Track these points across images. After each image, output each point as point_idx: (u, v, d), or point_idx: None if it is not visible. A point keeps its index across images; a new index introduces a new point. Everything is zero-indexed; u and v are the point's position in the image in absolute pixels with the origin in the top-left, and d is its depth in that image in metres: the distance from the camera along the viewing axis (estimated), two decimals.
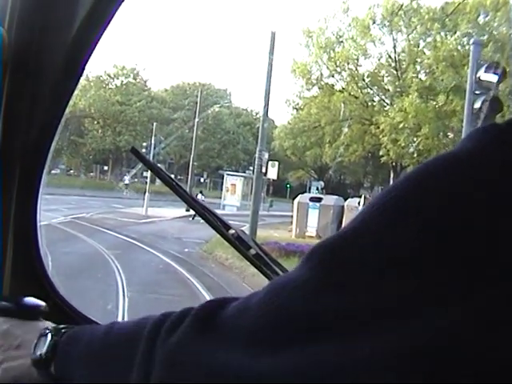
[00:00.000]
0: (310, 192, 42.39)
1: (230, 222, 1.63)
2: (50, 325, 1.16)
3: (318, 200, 23.59)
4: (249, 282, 12.43)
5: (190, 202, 1.55)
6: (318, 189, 40.59)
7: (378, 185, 55.52)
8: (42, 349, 1.07)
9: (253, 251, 1.56)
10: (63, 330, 1.08)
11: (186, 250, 17.45)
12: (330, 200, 23.86)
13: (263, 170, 19.35)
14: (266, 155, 19.65)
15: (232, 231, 1.55)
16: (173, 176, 1.74)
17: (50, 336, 1.08)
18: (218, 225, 1.55)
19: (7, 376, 1.13)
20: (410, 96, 33.70)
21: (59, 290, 1.68)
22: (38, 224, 1.63)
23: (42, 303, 1.30)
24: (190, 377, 0.74)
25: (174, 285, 12.19)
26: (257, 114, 60.33)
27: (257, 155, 19.18)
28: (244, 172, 44.86)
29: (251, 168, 46.98)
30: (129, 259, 14.59)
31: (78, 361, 1.00)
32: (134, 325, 0.91)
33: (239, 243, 1.55)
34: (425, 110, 33.25)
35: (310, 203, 23.28)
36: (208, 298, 10.54)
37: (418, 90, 33.84)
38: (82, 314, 1.69)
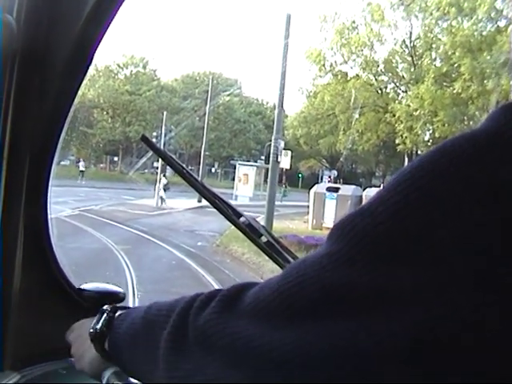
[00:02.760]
0: (321, 181, 42.05)
1: (244, 213, 1.61)
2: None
3: (336, 190, 22.88)
4: (267, 278, 11.70)
5: (202, 191, 1.55)
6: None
7: (390, 174, 55.12)
8: (98, 324, 1.13)
9: (264, 239, 1.58)
10: (119, 310, 1.15)
11: (200, 243, 16.82)
12: (347, 190, 23.15)
13: (279, 159, 18.55)
14: (282, 143, 18.86)
15: (243, 219, 1.56)
16: None
17: (106, 313, 1.14)
18: (230, 213, 1.55)
19: (82, 362, 1.21)
20: (426, 82, 33.06)
21: (71, 281, 1.73)
22: (49, 215, 1.67)
23: (120, 290, 1.47)
24: (216, 348, 0.78)
25: (188, 283, 11.44)
26: (267, 103, 61.57)
27: (272, 143, 18.41)
28: (255, 161, 44.33)
29: (262, 157, 47.13)
30: (139, 255, 13.95)
31: (124, 337, 1.07)
32: (169, 304, 0.95)
33: (250, 231, 1.55)
34: (441, 96, 32.65)
35: (327, 193, 22.63)
36: None
37: (434, 77, 33.04)
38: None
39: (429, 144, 35.05)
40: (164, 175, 29.20)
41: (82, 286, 1.45)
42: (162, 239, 16.44)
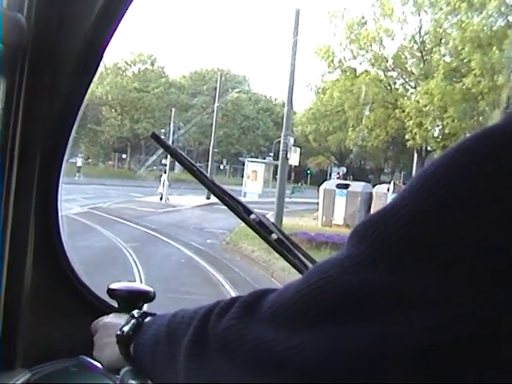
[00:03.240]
0: (330, 178, 41.96)
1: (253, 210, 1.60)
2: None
3: (345, 187, 22.67)
4: (278, 277, 11.68)
5: (212, 187, 1.55)
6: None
7: (398, 170, 55.89)
8: (126, 327, 1.14)
9: (274, 236, 1.57)
10: (149, 316, 1.15)
11: (209, 241, 16.67)
12: (357, 186, 22.95)
13: (288, 156, 18.38)
14: (292, 140, 18.71)
15: (253, 216, 1.56)
16: None
17: (135, 318, 1.15)
18: (239, 210, 1.55)
19: (101, 355, 1.24)
20: (436, 78, 32.87)
21: (82, 278, 1.80)
22: (60, 212, 1.72)
23: (150, 289, 1.40)
24: (236, 354, 0.78)
25: (198, 282, 11.35)
26: (276, 99, 61.11)
27: (282, 140, 18.27)
28: (264, 158, 44.20)
29: (271, 154, 46.99)
30: (147, 253, 13.81)
31: (148, 343, 1.06)
32: (192, 311, 0.95)
33: (261, 228, 1.55)
34: (451, 92, 32.42)
35: (337, 190, 22.40)
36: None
37: (444, 73, 32.85)
38: (104, 301, 1.78)
39: (438, 140, 34.90)
40: (164, 172, 29.11)
41: (111, 286, 1.41)
42: (171, 237, 16.30)
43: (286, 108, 18.60)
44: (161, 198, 27.68)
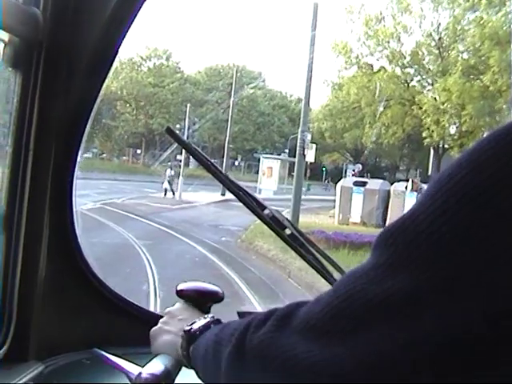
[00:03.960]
0: (345, 175, 41.70)
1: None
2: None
3: (363, 184, 22.35)
4: (295, 276, 11.35)
5: (226, 182, 1.56)
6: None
7: (414, 168, 55.76)
8: (196, 326, 1.17)
9: (288, 231, 1.59)
10: (218, 321, 1.18)
11: (224, 238, 16.40)
12: (375, 184, 22.61)
13: (306, 153, 18.01)
14: (309, 136, 18.34)
15: (267, 211, 1.58)
16: None
17: (207, 319, 1.18)
18: (254, 205, 1.57)
19: (158, 339, 1.27)
20: (454, 75, 32.53)
21: (95, 271, 1.84)
22: (74, 207, 1.75)
23: (218, 289, 1.40)
24: (270, 367, 0.79)
25: (213, 281, 10.88)
26: (291, 96, 61.33)
27: (299, 136, 17.90)
28: (279, 155, 43.99)
29: (286, 151, 46.92)
30: (161, 251, 13.56)
31: (201, 348, 1.09)
32: (238, 322, 0.96)
33: (274, 223, 1.56)
34: (469, 89, 32.19)
35: (354, 187, 22.10)
36: (251, 297, 9.95)
37: (462, 70, 32.49)
38: (118, 294, 1.89)
39: (455, 138, 34.61)
40: (170, 167, 29.31)
41: (180, 287, 1.39)
42: (185, 234, 16.01)
43: (303, 103, 18.25)
44: (165, 194, 27.67)
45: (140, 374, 1.26)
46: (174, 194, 27.94)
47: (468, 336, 0.63)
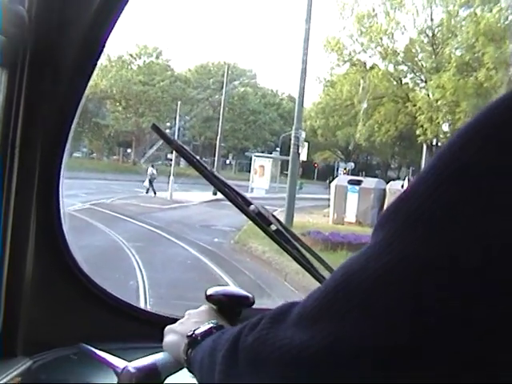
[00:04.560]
0: (337, 173, 41.55)
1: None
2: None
3: (358, 183, 21.88)
4: (291, 280, 10.92)
5: (211, 179, 1.58)
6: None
7: (405, 165, 56.09)
8: (198, 331, 1.16)
9: (273, 227, 1.60)
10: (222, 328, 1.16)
11: (216, 239, 15.89)
12: (370, 183, 22.23)
13: (300, 151, 17.52)
14: (303, 134, 17.87)
15: (253, 207, 1.58)
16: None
17: (210, 325, 1.17)
18: (239, 201, 1.58)
19: (170, 336, 1.27)
20: (448, 72, 32.23)
21: (83, 267, 1.87)
22: (61, 203, 1.77)
23: (248, 294, 1.39)
24: (266, 364, 0.76)
25: (206, 286, 10.44)
26: (282, 94, 61.30)
27: (293, 134, 17.44)
28: (270, 153, 43.79)
29: (277, 149, 46.77)
30: (151, 253, 13.15)
31: (199, 354, 1.09)
32: (235, 328, 0.94)
33: (260, 219, 1.57)
34: (464, 86, 31.89)
35: (349, 186, 21.63)
36: None
37: (456, 66, 32.15)
38: (105, 290, 1.91)
39: (448, 135, 34.38)
40: (152, 166, 29.10)
41: (209, 292, 1.35)
42: (176, 235, 15.54)
43: (297, 100, 17.78)
44: (146, 192, 27.42)
45: (126, 367, 1.30)
46: (155, 193, 27.69)
47: (467, 311, 0.63)
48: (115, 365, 1.34)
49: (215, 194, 24.00)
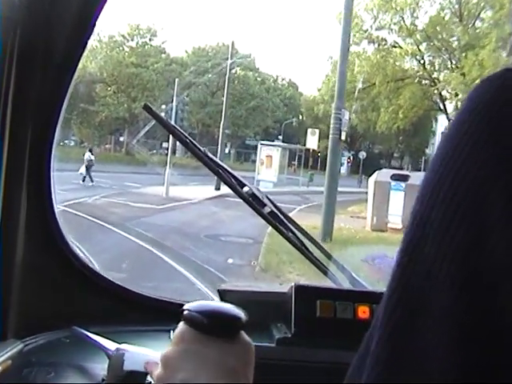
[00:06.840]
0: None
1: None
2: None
3: (404, 178, 17.29)
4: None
5: (204, 159, 1.60)
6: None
7: (408, 154, 56.07)
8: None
9: (267, 209, 1.63)
10: None
11: (231, 261, 11.27)
12: (418, 178, 17.65)
13: (342, 137, 13.13)
14: (347, 115, 13.45)
15: (246, 189, 1.62)
16: None
17: None
18: (233, 182, 1.62)
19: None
20: (488, 46, 28.45)
21: (75, 250, 1.86)
22: (53, 186, 1.75)
23: (241, 314, 1.03)
24: None
25: None
26: (283, 79, 59.98)
27: (333, 114, 13.08)
28: (272, 141, 40.04)
29: (280, 137, 43.65)
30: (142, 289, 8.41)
31: None
32: None
33: (254, 201, 1.60)
34: (505, 62, 27.48)
35: (393, 183, 17.24)
36: None
37: (496, 40, 28.13)
38: (98, 273, 1.91)
39: None
40: (90, 150, 27.11)
41: (185, 307, 1.04)
42: (175, 254, 10.76)
43: (338, 74, 13.38)
44: (83, 181, 23.99)
45: (117, 349, 1.33)
46: (92, 181, 24.16)
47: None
48: (107, 347, 1.36)
49: (218, 188, 21.11)
